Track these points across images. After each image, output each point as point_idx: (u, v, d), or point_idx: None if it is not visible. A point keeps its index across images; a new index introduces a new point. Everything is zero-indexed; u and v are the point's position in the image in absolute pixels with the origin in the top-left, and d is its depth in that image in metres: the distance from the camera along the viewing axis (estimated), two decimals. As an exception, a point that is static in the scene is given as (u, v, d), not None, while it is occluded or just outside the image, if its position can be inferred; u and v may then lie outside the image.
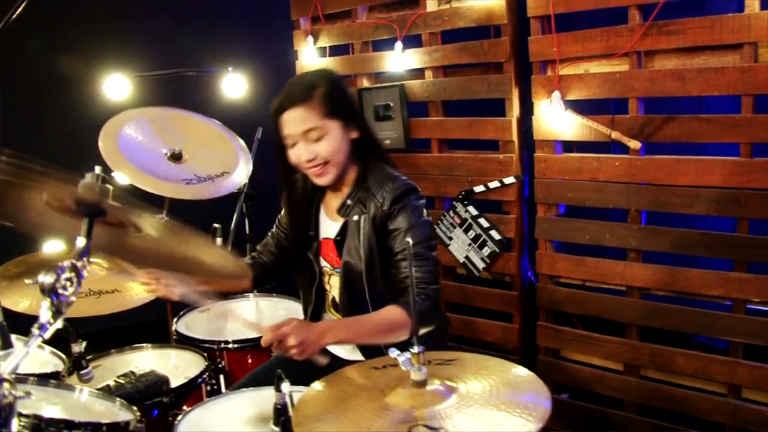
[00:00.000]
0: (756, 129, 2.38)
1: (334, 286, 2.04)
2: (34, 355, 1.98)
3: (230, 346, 2.31)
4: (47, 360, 2.00)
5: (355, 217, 1.93)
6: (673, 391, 2.69)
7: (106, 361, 2.17)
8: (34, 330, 1.16)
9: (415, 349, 1.32)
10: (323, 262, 2.05)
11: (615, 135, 2.65)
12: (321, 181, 1.92)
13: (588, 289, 2.91)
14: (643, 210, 2.69)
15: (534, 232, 2.99)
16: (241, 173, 2.64)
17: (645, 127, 2.60)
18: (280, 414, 1.38)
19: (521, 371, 1.43)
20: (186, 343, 2.35)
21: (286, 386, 1.37)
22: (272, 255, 2.18)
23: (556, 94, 2.78)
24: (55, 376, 1.83)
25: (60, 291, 1.14)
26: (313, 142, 1.85)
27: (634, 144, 2.60)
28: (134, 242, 1.44)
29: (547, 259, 2.98)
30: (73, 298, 1.16)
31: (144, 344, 2.26)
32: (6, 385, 1.07)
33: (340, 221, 1.98)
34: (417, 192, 1.92)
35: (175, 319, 2.51)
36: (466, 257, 3.18)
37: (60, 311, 1.15)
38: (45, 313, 1.15)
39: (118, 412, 1.66)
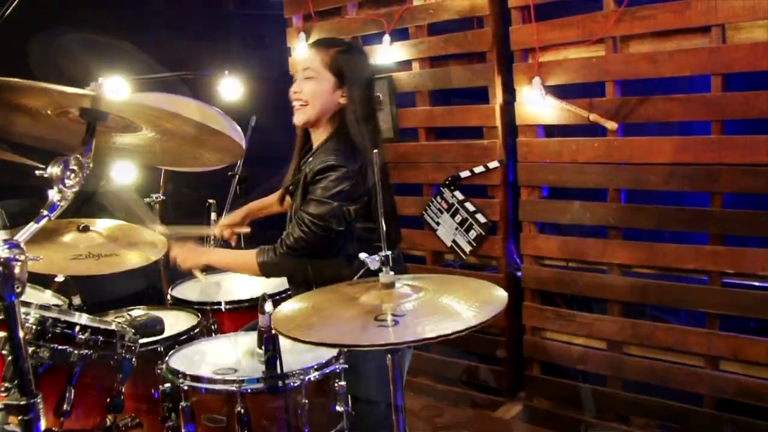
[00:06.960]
0: (725, 107, 2.48)
1: None
2: (35, 296, 2.09)
3: (222, 307, 2.46)
4: (48, 300, 2.11)
5: (305, 173, 2.09)
6: (654, 365, 2.76)
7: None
8: (43, 211, 1.26)
9: (383, 253, 1.44)
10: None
11: (593, 117, 2.75)
12: (295, 118, 2.12)
13: (571, 269, 2.99)
14: (622, 188, 2.79)
15: (518, 214, 3.08)
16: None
17: (621, 108, 2.71)
18: (264, 335, 1.46)
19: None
20: (180, 305, 2.48)
21: (269, 306, 1.46)
22: None
23: (537, 80, 2.89)
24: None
25: (66, 180, 1.25)
26: (304, 80, 2.08)
27: (611, 125, 2.70)
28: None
29: (531, 241, 3.07)
30: (77, 188, 1.27)
31: (139, 306, 2.36)
32: (16, 249, 1.15)
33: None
34: (338, 171, 1.98)
35: (170, 288, 2.66)
36: (453, 241, 3.27)
37: (65, 197, 1.27)
38: (55, 195, 1.26)
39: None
